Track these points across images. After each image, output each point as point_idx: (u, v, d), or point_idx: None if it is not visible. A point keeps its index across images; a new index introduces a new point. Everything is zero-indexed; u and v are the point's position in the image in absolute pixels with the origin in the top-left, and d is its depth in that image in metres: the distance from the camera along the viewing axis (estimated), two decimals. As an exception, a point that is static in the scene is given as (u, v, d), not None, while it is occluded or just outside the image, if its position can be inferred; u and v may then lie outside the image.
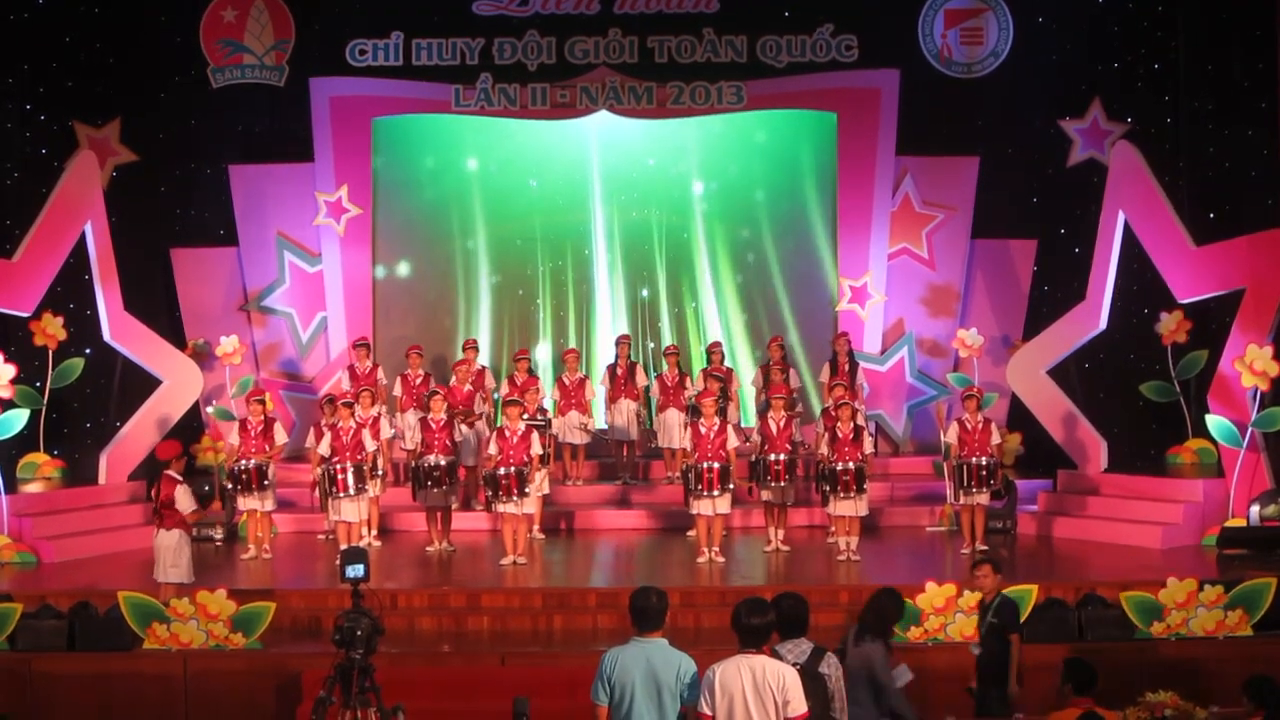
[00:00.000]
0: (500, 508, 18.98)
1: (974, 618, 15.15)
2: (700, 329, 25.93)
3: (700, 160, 26.03)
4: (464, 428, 20.95)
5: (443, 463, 19.59)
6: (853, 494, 19.03)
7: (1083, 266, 22.18)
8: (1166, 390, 22.66)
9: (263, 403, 20.43)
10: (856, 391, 22.23)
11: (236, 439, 20.08)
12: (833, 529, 19.83)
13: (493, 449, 19.12)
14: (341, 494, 19.23)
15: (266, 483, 19.97)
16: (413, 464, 19.82)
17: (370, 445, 19.63)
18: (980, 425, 19.61)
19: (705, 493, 18.86)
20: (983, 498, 19.56)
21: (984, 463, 19.39)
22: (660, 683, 9.47)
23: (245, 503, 20.05)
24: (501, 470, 18.77)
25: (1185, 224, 21.19)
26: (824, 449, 19.43)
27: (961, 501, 19.66)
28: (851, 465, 19.03)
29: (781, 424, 19.55)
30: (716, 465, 18.85)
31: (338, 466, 19.24)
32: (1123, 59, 24.20)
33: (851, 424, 19.23)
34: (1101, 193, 21.98)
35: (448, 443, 19.80)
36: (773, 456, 19.38)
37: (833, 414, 19.77)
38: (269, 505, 20.13)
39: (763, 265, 25.80)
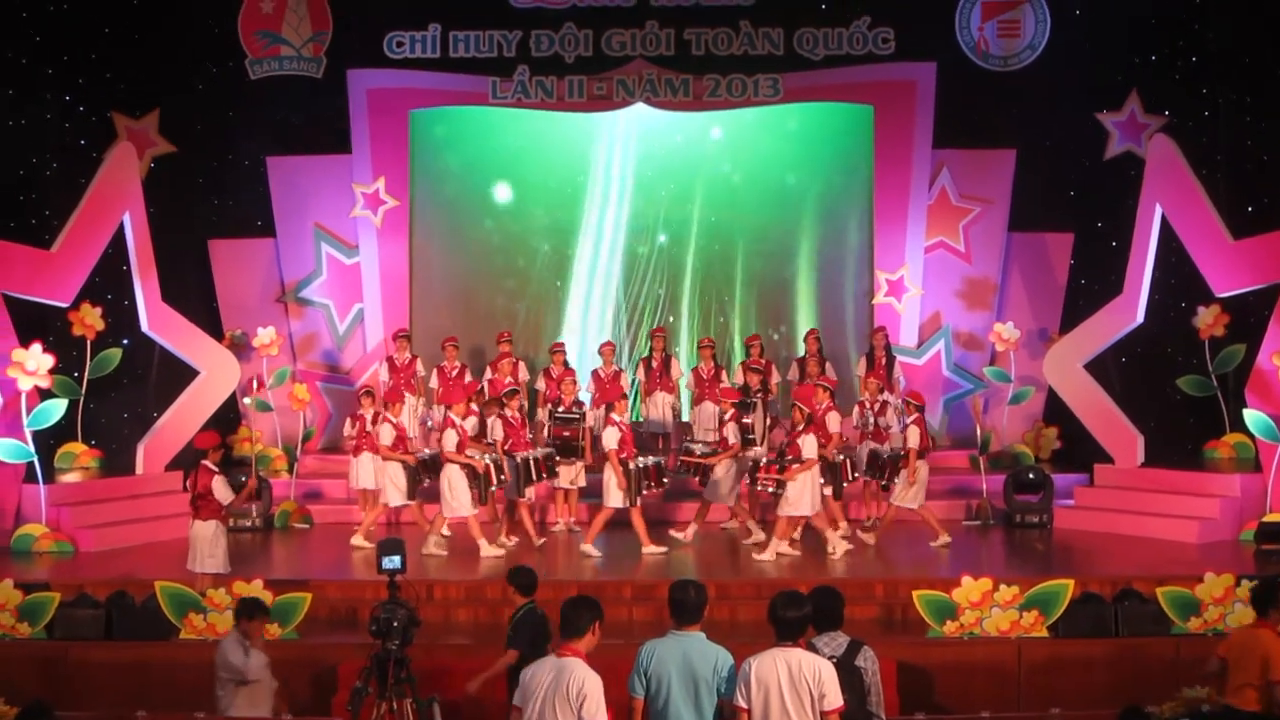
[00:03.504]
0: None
1: (1010, 612, 15.18)
2: (736, 322, 25.97)
3: (733, 152, 26.06)
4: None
5: (540, 456, 19.72)
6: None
7: (1120, 260, 22.13)
8: (1204, 384, 22.60)
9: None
10: (894, 385, 22.24)
11: (390, 438, 19.95)
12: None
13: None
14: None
15: None
16: (518, 459, 19.60)
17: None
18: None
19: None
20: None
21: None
22: (697, 676, 9.49)
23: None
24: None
25: (1223, 217, 21.11)
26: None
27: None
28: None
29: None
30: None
31: None
32: (1160, 51, 24.12)
33: (803, 420, 19.11)
34: (1139, 186, 21.95)
35: (528, 437, 19.90)
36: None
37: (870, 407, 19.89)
38: None
39: (798, 258, 25.76)
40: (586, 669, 9.41)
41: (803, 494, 18.64)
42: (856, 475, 20.07)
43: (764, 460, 19.27)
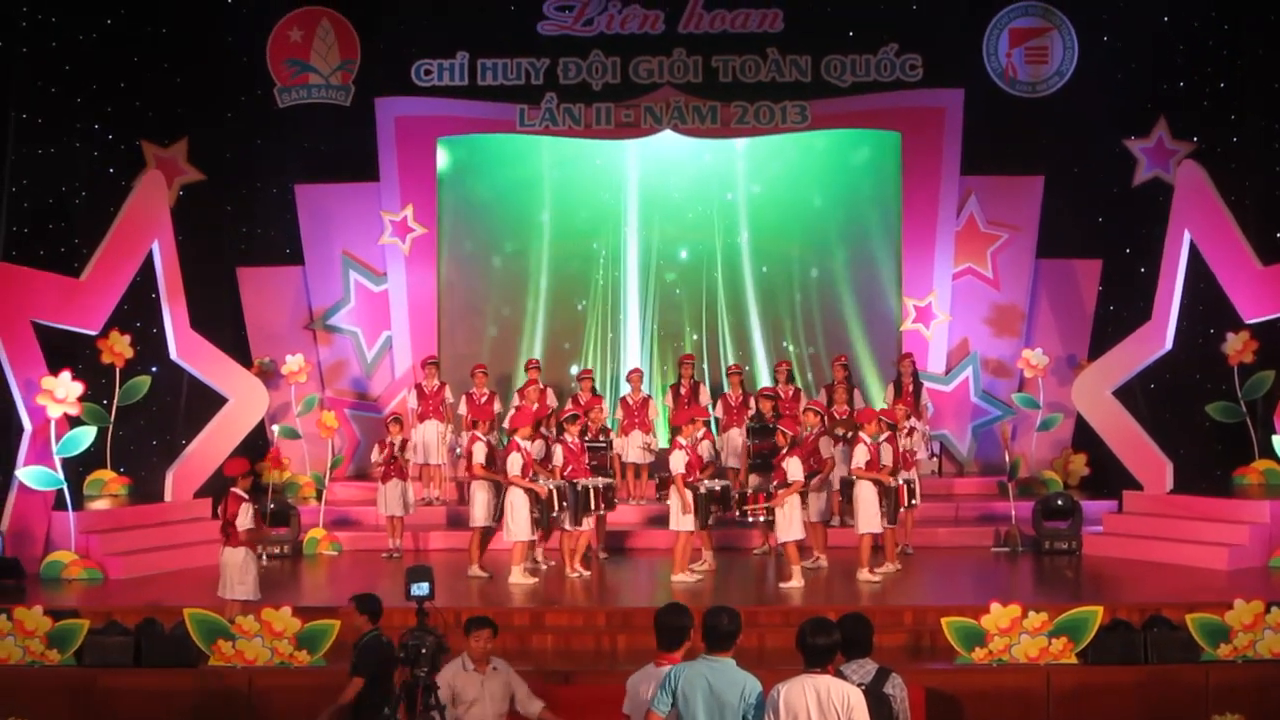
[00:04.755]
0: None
1: (1038, 639, 15.10)
2: (756, 347, 26.00)
3: (758, 178, 26.16)
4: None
5: (601, 486, 19.67)
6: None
7: (1148, 286, 22.10)
8: (1233, 411, 22.49)
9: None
10: (921, 411, 22.23)
11: (483, 455, 19.66)
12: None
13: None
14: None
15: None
16: (578, 486, 19.35)
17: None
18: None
19: None
20: None
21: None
22: (724, 702, 9.46)
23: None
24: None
25: (1251, 243, 21.11)
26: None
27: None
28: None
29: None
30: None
31: None
32: (1188, 78, 24.06)
33: (787, 443, 19.12)
34: (1167, 212, 21.92)
35: (588, 465, 19.90)
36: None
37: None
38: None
39: (825, 284, 25.81)
40: None
41: (792, 518, 18.69)
42: (914, 503, 20.02)
43: (750, 489, 19.65)
